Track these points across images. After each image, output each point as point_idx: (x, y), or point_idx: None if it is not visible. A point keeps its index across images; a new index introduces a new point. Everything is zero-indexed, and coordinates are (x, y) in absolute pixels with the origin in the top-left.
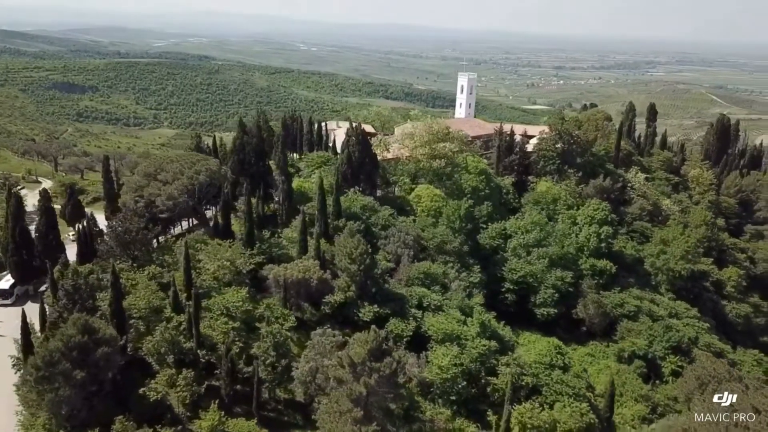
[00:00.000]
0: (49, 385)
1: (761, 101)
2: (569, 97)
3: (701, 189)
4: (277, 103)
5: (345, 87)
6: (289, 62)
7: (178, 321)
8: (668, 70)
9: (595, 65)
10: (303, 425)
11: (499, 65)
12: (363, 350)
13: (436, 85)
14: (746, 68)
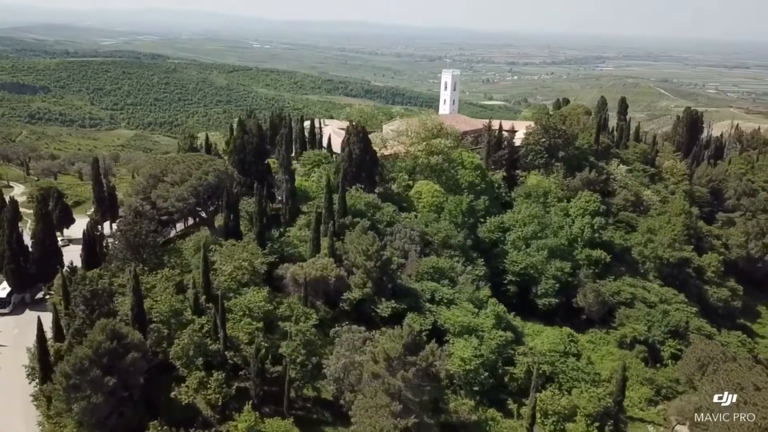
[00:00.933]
0: (80, 392)
1: (705, 94)
2: (524, 92)
3: (675, 179)
4: (237, 102)
5: (304, 84)
6: (243, 60)
7: (200, 323)
8: (616, 65)
9: (546, 61)
10: (332, 422)
11: (454, 61)
12: (398, 345)
13: (393, 81)
14: (688, 63)
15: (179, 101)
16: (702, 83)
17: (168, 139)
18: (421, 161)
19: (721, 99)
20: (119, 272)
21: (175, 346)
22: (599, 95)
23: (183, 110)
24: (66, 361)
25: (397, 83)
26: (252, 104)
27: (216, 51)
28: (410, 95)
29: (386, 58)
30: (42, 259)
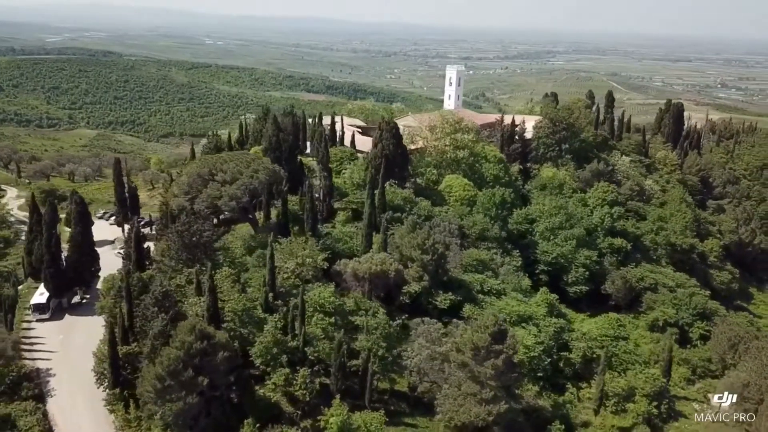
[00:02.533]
0: (175, 394)
1: (653, 87)
2: (481, 86)
3: (668, 169)
4: (200, 100)
5: (265, 81)
6: (198, 57)
7: (272, 321)
8: (567, 59)
9: (499, 55)
10: (410, 413)
11: (410, 57)
12: (485, 334)
13: (351, 77)
14: (634, 56)
15: (140, 99)
16: (649, 76)
17: (132, 138)
18: (449, 155)
19: (669, 91)
20: (174, 273)
21: (258, 345)
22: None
23: (144, 108)
24: (160, 363)
25: (355, 79)
26: (216, 101)
27: (169, 48)
28: (371, 91)
29: (342, 54)
30: (79, 263)
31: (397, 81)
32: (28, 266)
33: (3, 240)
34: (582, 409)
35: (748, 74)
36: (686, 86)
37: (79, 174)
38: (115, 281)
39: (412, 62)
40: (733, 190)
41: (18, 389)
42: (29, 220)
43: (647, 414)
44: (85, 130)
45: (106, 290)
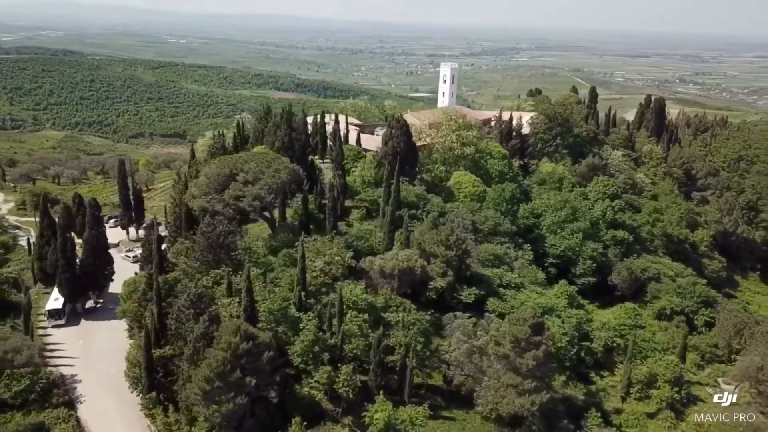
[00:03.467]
0: (224, 395)
1: (615, 82)
2: None
3: (654, 163)
4: (169, 99)
5: (234, 80)
6: (161, 55)
7: (307, 319)
8: (530, 56)
9: (465, 52)
10: (446, 406)
11: (376, 54)
12: (525, 326)
13: (319, 75)
14: (596, 52)
15: (107, 99)
16: (610, 72)
17: (100, 139)
18: (457, 152)
19: (631, 86)
20: (199, 275)
21: (299, 343)
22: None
23: (112, 109)
24: (208, 365)
25: (323, 77)
26: (186, 101)
27: (131, 46)
28: (341, 88)
29: (308, 52)
30: (93, 267)
31: (364, 78)
32: (38, 272)
33: (2, 245)
34: (609, 396)
35: (704, 69)
36: (646, 81)
37: (65, 177)
38: (136, 284)
39: (379, 60)
40: (714, 181)
41: (48, 396)
42: (39, 225)
43: (671, 399)
44: (52, 131)
45: (127, 294)
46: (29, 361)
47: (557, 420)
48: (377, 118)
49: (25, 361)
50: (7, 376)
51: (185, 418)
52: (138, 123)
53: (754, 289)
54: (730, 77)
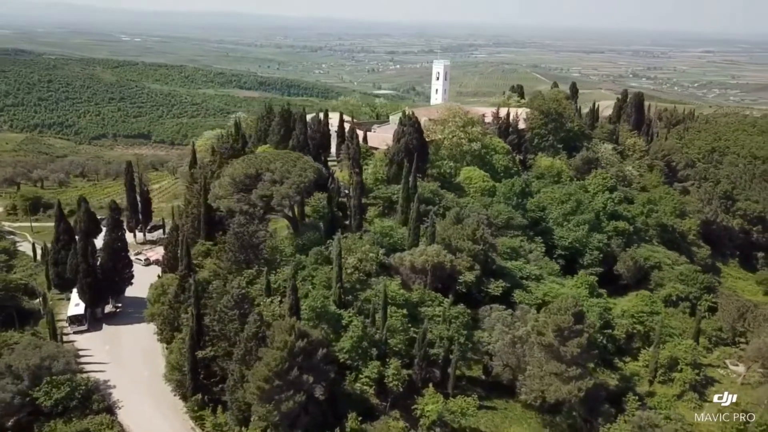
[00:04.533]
0: (284, 394)
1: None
2: (411, 80)
3: (637, 155)
4: (131, 99)
5: (196, 79)
6: (116, 54)
7: (348, 316)
8: (488, 52)
9: (424, 49)
10: (486, 396)
11: (336, 52)
12: (567, 315)
13: (280, 73)
14: (551, 48)
15: (66, 100)
16: (566, 67)
17: (62, 141)
18: (465, 148)
19: (588, 81)
20: (230, 275)
21: (348, 339)
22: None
23: (72, 110)
24: (267, 365)
25: (284, 74)
26: (149, 101)
27: (84, 45)
28: (305, 86)
29: (267, 50)
30: (114, 271)
31: (326, 76)
32: (54, 277)
33: (4, 251)
34: (638, 381)
35: (655, 64)
36: (602, 76)
37: (51, 180)
38: (164, 287)
39: (339, 57)
40: (692, 172)
41: (88, 403)
42: (55, 229)
43: (693, 381)
44: (10, 133)
45: (155, 297)
46: (67, 368)
47: (598, 404)
48: (368, 116)
49: (62, 368)
50: (47, 384)
51: (235, 419)
52: (100, 124)
53: (735, 275)
54: (680, 72)
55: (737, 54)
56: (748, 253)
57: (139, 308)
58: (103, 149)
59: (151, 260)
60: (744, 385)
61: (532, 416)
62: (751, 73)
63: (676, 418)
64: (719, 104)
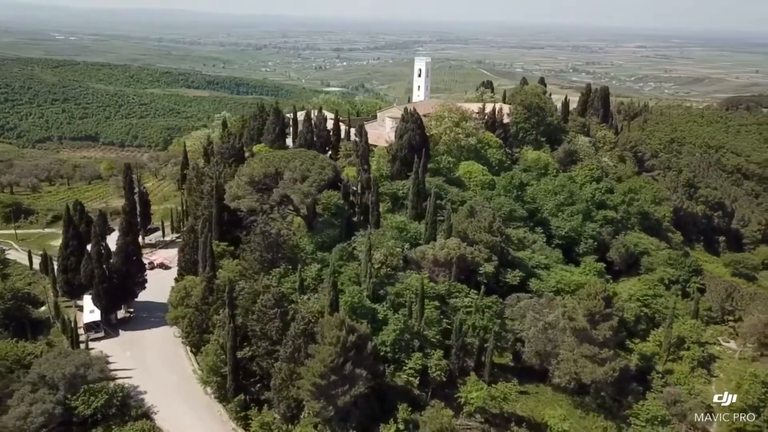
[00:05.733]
0: (340, 388)
1: (515, 72)
2: (360, 77)
3: (608, 147)
4: (76, 100)
5: (141, 78)
6: (50, 54)
7: (382, 310)
8: (433, 48)
9: (369, 46)
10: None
11: (281, 49)
12: (597, 300)
13: (226, 71)
14: (494, 45)
15: (6, 102)
16: (510, 63)
17: (4, 145)
18: (463, 143)
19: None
20: (256, 275)
21: (391, 332)
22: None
23: (13, 112)
24: (322, 361)
25: (230, 73)
26: (93, 101)
27: (15, 44)
28: (254, 84)
29: (210, 48)
30: (128, 276)
31: (273, 74)
32: (63, 284)
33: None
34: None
35: (592, 59)
36: (544, 71)
37: (23, 186)
38: (188, 290)
39: (284, 54)
40: (657, 162)
41: (126, 410)
42: (64, 235)
43: (701, 358)
44: None
45: (178, 299)
46: (101, 375)
47: (626, 384)
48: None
49: (98, 375)
50: (84, 392)
51: (282, 417)
52: (44, 126)
53: (702, 258)
54: (617, 66)
55: (669, 49)
56: (711, 238)
57: (152, 312)
58: (49, 152)
59: (155, 264)
60: (741, 360)
61: (562, 399)
62: (682, 66)
63: (695, 393)
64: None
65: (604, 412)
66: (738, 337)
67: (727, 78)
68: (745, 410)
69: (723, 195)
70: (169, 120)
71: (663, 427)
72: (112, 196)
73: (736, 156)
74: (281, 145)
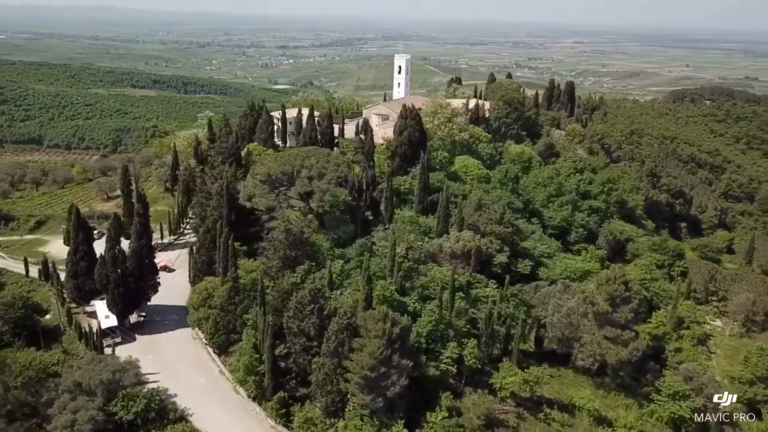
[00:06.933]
0: (390, 380)
1: (460, 68)
2: (308, 75)
3: (578, 139)
4: (16, 102)
5: (83, 78)
6: None
7: (411, 303)
8: (378, 45)
9: (314, 43)
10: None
11: (225, 47)
12: (617, 285)
13: (169, 70)
14: (437, 41)
15: None
16: (454, 59)
17: None
18: (457, 138)
19: (477, 72)
20: (279, 273)
21: (427, 323)
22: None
23: None
24: (371, 354)
25: (175, 71)
26: (35, 103)
27: None
28: (202, 83)
29: (150, 46)
30: (142, 279)
31: (218, 72)
32: (73, 290)
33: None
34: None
35: (533, 55)
36: (488, 67)
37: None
38: (209, 291)
39: (228, 52)
40: (621, 153)
41: (164, 413)
42: (73, 240)
43: (701, 336)
44: None
45: (201, 301)
46: (136, 380)
47: (643, 363)
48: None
49: (133, 380)
50: (123, 398)
51: (325, 412)
52: None
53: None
54: (557, 62)
55: (604, 44)
56: (674, 224)
57: (164, 315)
58: None
59: (158, 266)
60: (731, 336)
61: (583, 380)
62: (618, 61)
63: (703, 367)
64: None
65: (623, 391)
66: (723, 316)
67: (661, 72)
68: (754, 382)
69: (682, 183)
70: (117, 121)
71: (684, 401)
72: (95, 200)
73: (689, 146)
74: (274, 144)
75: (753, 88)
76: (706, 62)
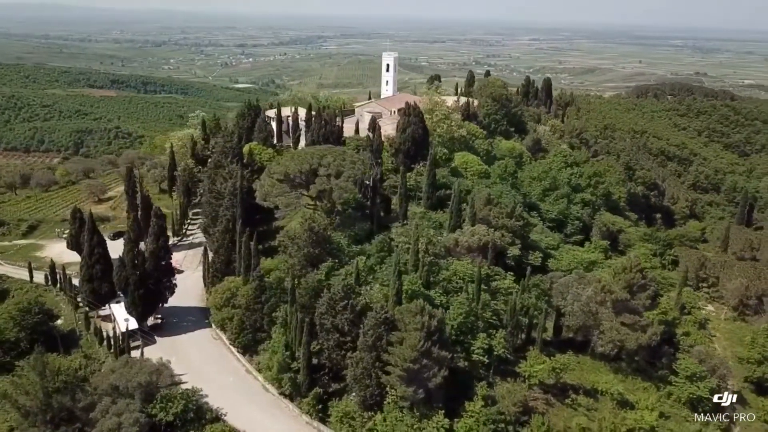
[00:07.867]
0: (432, 371)
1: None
2: (269, 73)
3: (558, 134)
4: None
5: (38, 78)
6: None
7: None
8: (338, 43)
9: (273, 42)
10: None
11: (182, 46)
12: (633, 273)
13: (126, 69)
14: (396, 39)
15: None
16: (415, 57)
17: None
18: (456, 134)
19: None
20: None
21: (458, 315)
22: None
23: None
24: (411, 347)
25: (132, 71)
26: None
27: None
28: (162, 83)
29: (104, 45)
30: (160, 281)
31: (177, 71)
32: (89, 293)
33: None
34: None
35: (492, 52)
36: (448, 65)
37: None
38: (233, 290)
39: (186, 51)
40: (598, 148)
41: (201, 413)
42: (88, 243)
43: (701, 320)
44: None
45: (224, 300)
46: (171, 381)
47: (658, 347)
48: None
49: (168, 382)
50: (161, 399)
51: (361, 406)
52: None
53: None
54: (515, 58)
55: (560, 41)
56: (650, 215)
57: (180, 317)
58: None
59: None
60: (726, 320)
61: (601, 366)
62: (573, 58)
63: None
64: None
65: (640, 375)
66: (714, 301)
67: (615, 68)
68: (762, 362)
69: (655, 176)
70: (77, 122)
71: (701, 381)
72: (86, 202)
73: (658, 140)
74: (272, 143)
75: (703, 83)
76: (657, 59)
